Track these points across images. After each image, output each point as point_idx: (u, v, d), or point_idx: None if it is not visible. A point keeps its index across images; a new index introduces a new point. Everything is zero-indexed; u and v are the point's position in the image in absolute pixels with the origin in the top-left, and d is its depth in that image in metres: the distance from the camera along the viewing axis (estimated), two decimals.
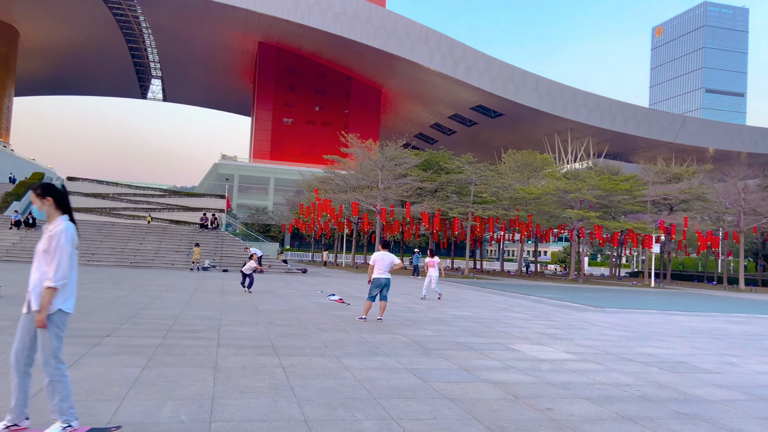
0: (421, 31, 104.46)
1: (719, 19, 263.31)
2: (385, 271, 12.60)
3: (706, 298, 30.92)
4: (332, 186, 46.27)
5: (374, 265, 12.64)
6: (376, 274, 12.58)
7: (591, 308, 19.59)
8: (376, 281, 12.57)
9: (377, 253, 12.79)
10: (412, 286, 27.38)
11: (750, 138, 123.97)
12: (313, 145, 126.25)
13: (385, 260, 12.61)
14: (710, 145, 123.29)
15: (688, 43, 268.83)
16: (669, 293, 34.48)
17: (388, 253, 12.76)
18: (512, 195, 41.71)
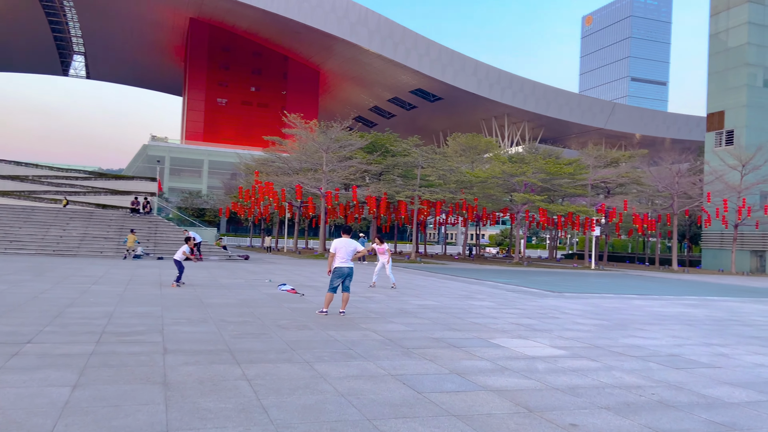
0: (360, 11, 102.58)
1: (645, 9, 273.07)
2: (347, 260, 11.48)
3: (649, 280, 31.42)
4: (273, 168, 44.46)
5: (335, 254, 11.50)
6: (337, 263, 11.44)
7: (550, 294, 19.13)
8: (338, 271, 11.43)
9: (338, 240, 11.63)
10: (360, 272, 26.32)
11: (674, 125, 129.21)
12: (249, 127, 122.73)
13: (348, 248, 11.49)
14: (638, 131, 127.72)
15: (616, 32, 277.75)
16: (612, 275, 34.97)
17: (350, 240, 11.64)
18: (459, 178, 41.27)
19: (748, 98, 50.35)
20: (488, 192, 41.98)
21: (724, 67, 52.28)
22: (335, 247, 11.53)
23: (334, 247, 11.57)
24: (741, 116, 50.52)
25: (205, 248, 31.69)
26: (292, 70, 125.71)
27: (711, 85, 53.34)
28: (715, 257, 51.74)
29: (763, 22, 50.86)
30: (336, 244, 11.55)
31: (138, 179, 49.97)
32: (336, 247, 11.52)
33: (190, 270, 22.44)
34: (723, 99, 52.07)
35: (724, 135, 51.86)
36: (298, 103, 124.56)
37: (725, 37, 52.32)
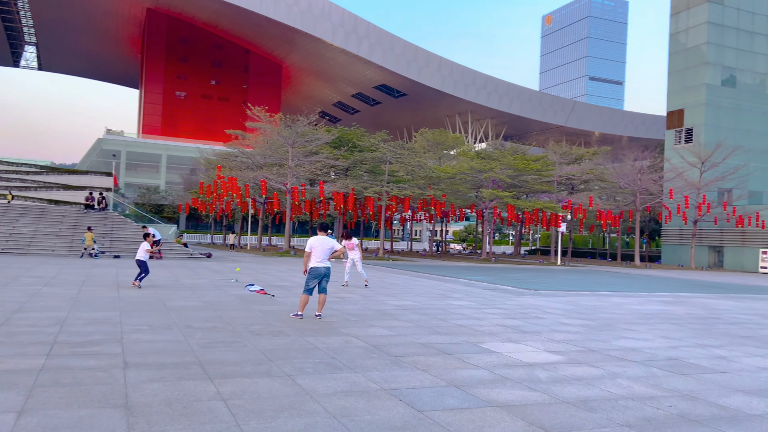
0: (324, 5, 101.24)
1: (602, 10, 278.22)
2: (324, 259, 10.74)
3: (616, 276, 31.55)
4: (237, 163, 43.11)
5: (311, 252, 10.74)
6: (313, 263, 10.68)
7: (527, 292, 18.74)
8: (314, 271, 10.68)
9: (314, 238, 10.87)
10: None
11: (631, 123, 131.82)
12: (209, 121, 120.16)
13: (325, 246, 10.74)
14: (597, 129, 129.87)
15: (574, 32, 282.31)
16: (579, 271, 35.03)
17: (327, 238, 10.89)
18: (427, 174, 40.75)
19: (707, 97, 51.34)
20: (456, 188, 41.62)
21: (684, 66, 53.20)
22: (311, 245, 10.77)
23: (309, 245, 10.81)
24: (700, 114, 51.50)
25: (166, 246, 30.35)
26: (253, 63, 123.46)
27: (671, 83, 54.23)
28: (674, 252, 52.69)
29: (722, 22, 51.92)
30: (312, 242, 10.79)
31: (92, 174, 47.92)
32: (312, 245, 10.76)
33: (150, 269, 21.32)
34: (682, 97, 52.99)
35: (683, 133, 52.80)
36: (260, 97, 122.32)
37: (685, 36, 53.24)
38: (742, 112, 52.82)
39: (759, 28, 53.10)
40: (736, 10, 52.26)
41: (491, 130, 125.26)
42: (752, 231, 46.75)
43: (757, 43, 53.03)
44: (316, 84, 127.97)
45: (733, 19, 52.11)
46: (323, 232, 11.03)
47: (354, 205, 41.35)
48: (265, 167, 40.73)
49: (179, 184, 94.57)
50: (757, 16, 52.99)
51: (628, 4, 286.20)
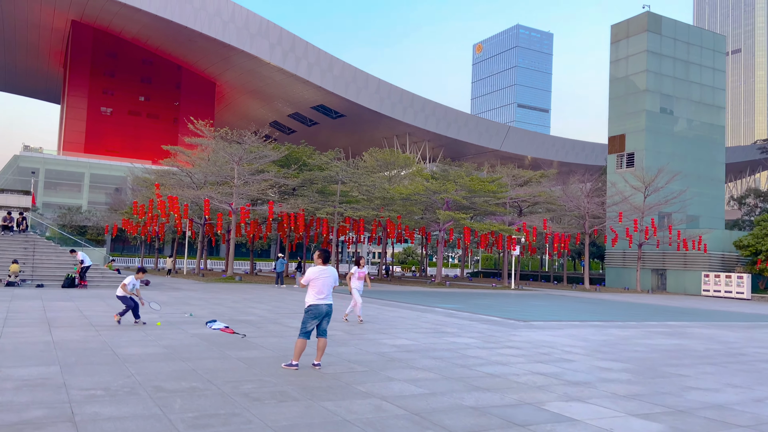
0: (261, 23, 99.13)
1: (529, 41, 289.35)
2: (328, 295, 8.71)
3: (581, 301, 30.72)
4: (175, 181, 39.91)
5: (310, 286, 8.69)
6: (314, 300, 8.63)
7: (520, 323, 17.17)
8: (315, 310, 8.62)
9: (316, 268, 8.82)
10: (285, 297, 23.17)
11: (562, 148, 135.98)
12: (137, 138, 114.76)
13: (329, 279, 8.73)
14: (530, 154, 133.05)
15: (504, 61, 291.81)
16: (538, 296, 34.10)
17: (331, 268, 8.87)
18: (382, 195, 39.02)
19: (647, 123, 52.53)
20: (410, 209, 40.17)
21: (624, 93, 54.37)
22: (311, 277, 8.71)
23: (308, 278, 8.75)
24: (640, 140, 52.57)
25: (96, 272, 26.96)
26: (186, 80, 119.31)
27: (611, 109, 55.28)
28: (618, 275, 53.15)
29: (660, 51, 53.48)
30: (312, 273, 8.73)
31: (8, 192, 43.50)
32: (312, 277, 8.70)
33: (81, 301, 18.35)
34: (623, 123, 54.04)
35: (625, 157, 53.74)
36: (192, 115, 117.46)
37: (625, 64, 54.51)
38: (679, 138, 54.41)
39: (693, 57, 55.14)
40: (673, 39, 54.05)
41: (429, 152, 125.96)
42: (693, 254, 47.69)
43: (692, 72, 54.98)
44: (251, 103, 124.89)
45: (669, 49, 53.84)
46: (325, 261, 8.98)
47: (305, 227, 39.05)
48: (205, 186, 37.86)
49: (104, 204, 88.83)
50: (691, 47, 55.01)
51: (553, 36, 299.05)
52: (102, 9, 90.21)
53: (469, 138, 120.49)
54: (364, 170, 40.81)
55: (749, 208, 65.41)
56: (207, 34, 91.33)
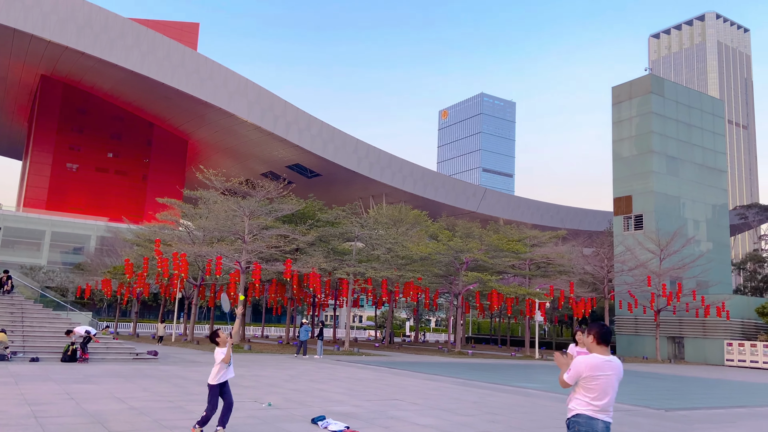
0: (240, 81, 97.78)
1: (493, 108, 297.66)
2: (610, 405, 5.64)
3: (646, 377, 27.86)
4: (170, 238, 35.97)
5: (585, 387, 5.62)
6: (589, 410, 5.55)
7: (678, 413, 14.15)
8: (588, 426, 5.51)
9: (593, 360, 5.67)
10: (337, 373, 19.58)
11: (537, 211, 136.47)
12: (103, 196, 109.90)
13: (613, 379, 5.66)
14: (504, 216, 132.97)
15: (468, 127, 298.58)
16: None
17: (617, 362, 5.78)
18: (405, 253, 35.93)
19: (655, 185, 51.59)
20: (431, 270, 37.25)
21: (629, 154, 53.66)
22: (586, 373, 5.62)
23: (578, 372, 5.65)
24: (649, 202, 51.45)
25: (100, 342, 22.59)
26: (157, 137, 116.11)
27: (616, 170, 54.36)
28: (630, 343, 50.70)
29: (664, 113, 53.29)
30: (587, 367, 5.63)
31: None
32: (587, 373, 5.61)
33: (106, 383, 14.52)
34: (629, 184, 53.03)
35: (633, 219, 52.40)
36: (162, 173, 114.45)
37: (629, 125, 54.07)
38: (685, 201, 53.61)
39: (695, 121, 55.20)
40: (675, 102, 54.11)
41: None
42: (713, 321, 45.74)
43: (694, 135, 54.90)
44: (224, 161, 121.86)
45: (672, 111, 53.78)
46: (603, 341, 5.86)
47: (321, 287, 35.56)
48: (210, 242, 34.23)
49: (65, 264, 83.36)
50: (692, 110, 55.17)
51: (515, 105, 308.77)
52: (75, 64, 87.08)
53: (446, 199, 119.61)
54: (383, 226, 37.87)
55: (749, 274, 64.93)
56: (184, 91, 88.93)
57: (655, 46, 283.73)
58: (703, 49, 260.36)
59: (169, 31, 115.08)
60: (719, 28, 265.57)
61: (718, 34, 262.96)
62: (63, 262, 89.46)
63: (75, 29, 79.77)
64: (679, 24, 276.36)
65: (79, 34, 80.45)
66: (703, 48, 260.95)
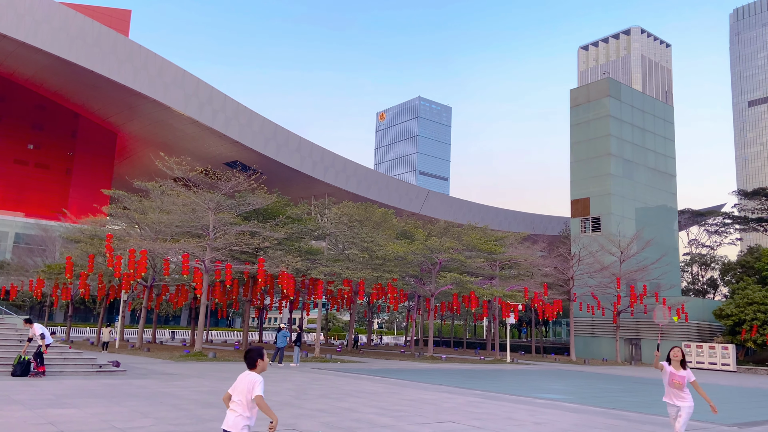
0: (177, 72, 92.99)
1: (430, 112, 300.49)
2: None
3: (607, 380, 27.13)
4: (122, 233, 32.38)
5: None
6: None
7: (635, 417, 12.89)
8: None
9: None
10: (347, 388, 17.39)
11: (478, 213, 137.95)
12: (22, 189, 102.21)
13: None
14: (446, 218, 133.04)
15: (405, 130, 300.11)
16: (558, 372, 30.21)
17: None
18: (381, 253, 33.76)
19: (613, 187, 52.00)
20: (407, 270, 35.47)
21: (586, 156, 53.91)
22: None
23: None
24: (606, 204, 51.79)
25: (54, 351, 19.17)
26: (83, 128, 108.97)
27: (574, 172, 54.53)
28: (586, 345, 50.81)
29: (620, 117, 53.89)
30: None
31: None
32: None
33: (88, 405, 11.81)
34: (587, 186, 53.27)
35: (590, 221, 52.63)
36: (87, 167, 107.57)
37: (586, 128, 54.35)
38: (639, 204, 54.41)
39: (648, 125, 56.19)
40: (630, 107, 54.86)
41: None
42: (670, 324, 46.32)
43: (647, 139, 55.85)
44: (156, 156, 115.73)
45: (628, 115, 54.50)
46: None
47: (294, 288, 32.93)
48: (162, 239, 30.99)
49: None
50: (646, 114, 56.13)
51: (451, 109, 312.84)
52: None
53: (389, 200, 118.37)
54: (348, 226, 35.51)
55: (692, 277, 67.02)
56: (115, 80, 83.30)
57: (584, 58, 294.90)
58: (628, 61, 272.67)
59: (99, 17, 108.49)
60: (643, 42, 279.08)
61: (642, 48, 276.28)
62: None
63: None
64: (607, 37, 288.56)
65: (1, 15, 73.75)
66: (628, 60, 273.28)
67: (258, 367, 6.04)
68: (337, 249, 37.66)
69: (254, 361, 6.01)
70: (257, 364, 6.04)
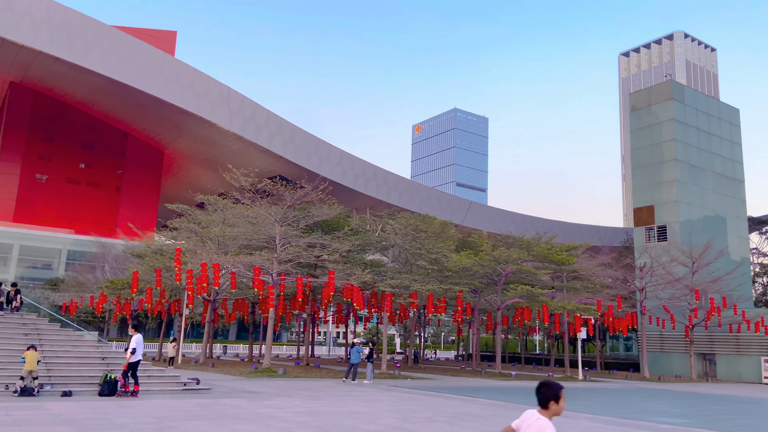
0: (222, 90, 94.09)
1: (466, 123, 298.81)
2: None
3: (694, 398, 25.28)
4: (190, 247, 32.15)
5: None
6: None
7: None
8: None
9: None
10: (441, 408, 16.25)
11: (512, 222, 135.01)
12: (74, 208, 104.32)
13: None
14: (489, 229, 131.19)
15: (442, 141, 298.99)
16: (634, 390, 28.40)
17: None
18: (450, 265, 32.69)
19: (679, 194, 49.77)
20: (472, 283, 34.28)
21: (649, 162, 51.82)
22: None
23: None
24: (673, 212, 49.56)
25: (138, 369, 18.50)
26: (132, 147, 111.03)
27: (636, 179, 52.47)
28: (655, 361, 48.38)
29: (685, 121, 51.71)
30: None
31: None
32: None
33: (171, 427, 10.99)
34: (651, 194, 51.13)
35: (655, 230, 50.43)
36: (136, 184, 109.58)
37: (648, 133, 52.30)
38: (707, 211, 51.96)
39: (713, 129, 53.84)
40: (695, 110, 52.68)
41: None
42: (748, 337, 43.72)
43: (713, 143, 53.50)
44: (201, 173, 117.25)
45: (693, 119, 52.30)
46: None
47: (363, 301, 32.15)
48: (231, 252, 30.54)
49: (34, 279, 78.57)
50: (711, 118, 53.82)
51: (488, 120, 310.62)
52: (47, 70, 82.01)
53: (431, 211, 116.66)
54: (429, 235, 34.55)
55: (763, 288, 63.81)
56: (163, 99, 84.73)
57: (625, 64, 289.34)
58: (671, 67, 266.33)
59: (146, 40, 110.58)
60: (687, 47, 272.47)
61: (686, 53, 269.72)
62: (32, 278, 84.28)
63: (49, 33, 74.95)
64: (648, 43, 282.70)
65: (53, 38, 75.58)
66: (672, 66, 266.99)
67: (550, 410, 4.98)
68: (399, 261, 36.61)
69: (547, 401, 4.96)
70: (549, 406, 4.98)
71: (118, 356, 19.04)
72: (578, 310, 34.37)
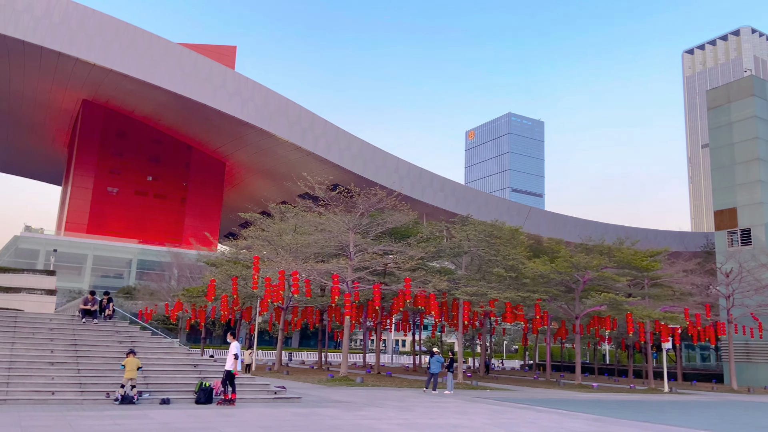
0: (280, 101, 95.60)
1: (521, 128, 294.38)
2: None
3: None
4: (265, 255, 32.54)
5: None
6: None
7: None
8: None
9: None
10: None
11: (575, 228, 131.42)
12: (142, 219, 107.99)
13: None
14: (548, 234, 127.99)
15: (496, 147, 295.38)
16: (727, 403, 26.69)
17: None
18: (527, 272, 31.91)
19: (763, 195, 47.10)
20: (550, 291, 33.28)
21: (730, 162, 49.30)
22: None
23: None
24: (758, 214, 46.91)
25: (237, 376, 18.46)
26: (195, 160, 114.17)
27: (716, 180, 49.99)
28: (741, 371, 45.72)
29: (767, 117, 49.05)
30: None
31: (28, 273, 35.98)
32: None
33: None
34: (732, 195, 48.59)
35: (739, 234, 47.83)
36: (200, 196, 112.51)
37: (728, 131, 49.79)
38: None
39: None
40: None
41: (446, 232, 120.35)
42: None
43: None
44: (261, 183, 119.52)
45: None
46: None
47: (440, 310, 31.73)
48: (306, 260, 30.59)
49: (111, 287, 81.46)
50: None
51: (544, 124, 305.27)
52: (117, 87, 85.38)
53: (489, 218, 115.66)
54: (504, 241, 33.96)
55: None
56: (225, 112, 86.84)
57: (690, 62, 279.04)
58: (739, 63, 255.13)
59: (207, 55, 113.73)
60: (755, 42, 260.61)
61: (753, 48, 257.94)
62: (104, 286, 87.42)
63: (119, 51, 77.91)
64: (714, 39, 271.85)
65: (123, 56, 78.54)
66: (739, 63, 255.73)
67: None
68: (471, 268, 35.87)
69: None
70: None
71: (209, 364, 19.17)
72: (664, 319, 32.77)
